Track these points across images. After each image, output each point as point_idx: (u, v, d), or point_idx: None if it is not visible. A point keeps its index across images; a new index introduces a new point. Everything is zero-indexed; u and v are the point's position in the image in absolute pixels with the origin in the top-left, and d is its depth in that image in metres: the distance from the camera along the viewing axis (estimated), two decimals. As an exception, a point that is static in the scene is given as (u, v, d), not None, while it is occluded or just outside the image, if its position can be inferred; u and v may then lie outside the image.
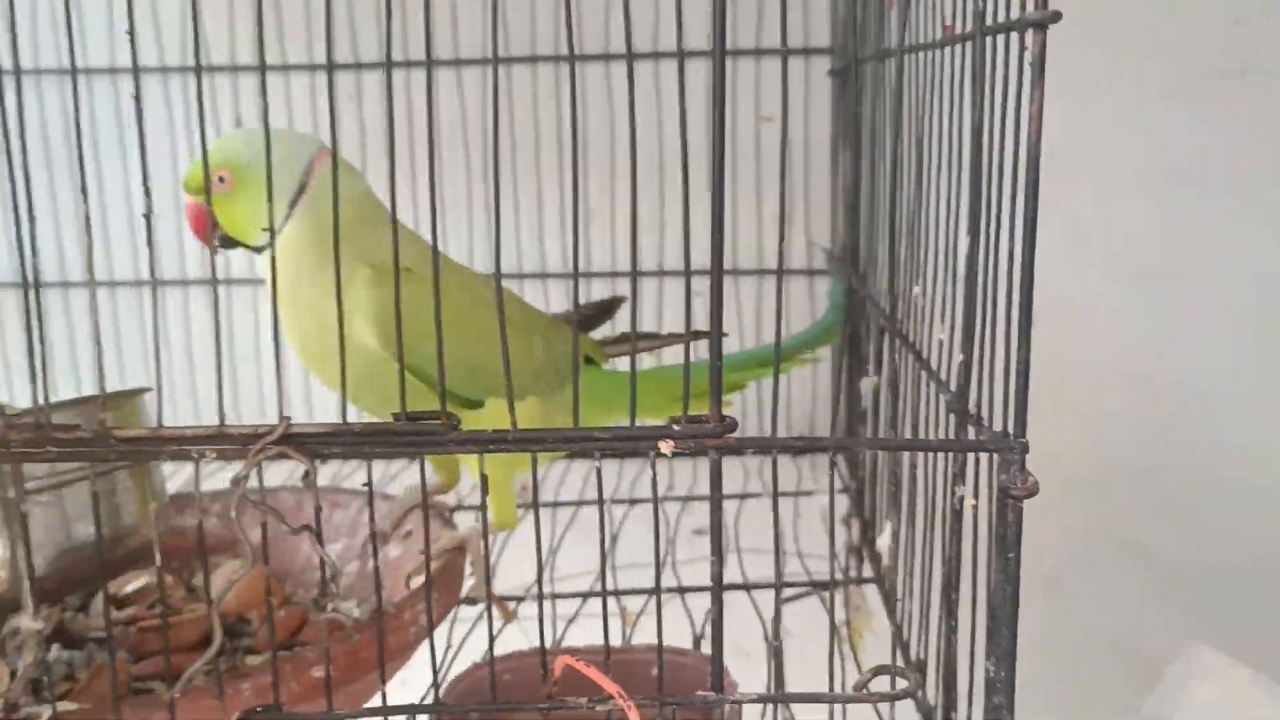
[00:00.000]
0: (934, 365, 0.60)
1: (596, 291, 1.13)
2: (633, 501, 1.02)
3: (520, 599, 0.85)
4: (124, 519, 0.60)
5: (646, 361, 0.96)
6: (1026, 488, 0.43)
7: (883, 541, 0.76)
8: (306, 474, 0.46)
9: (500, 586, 0.90)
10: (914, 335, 0.68)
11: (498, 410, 0.67)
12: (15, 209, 0.44)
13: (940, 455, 0.57)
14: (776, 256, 1.11)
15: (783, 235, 0.48)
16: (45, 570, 0.55)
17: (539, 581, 0.49)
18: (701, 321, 1.13)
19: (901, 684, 0.49)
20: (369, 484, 0.48)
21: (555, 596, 0.84)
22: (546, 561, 0.91)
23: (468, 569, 0.74)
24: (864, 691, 0.47)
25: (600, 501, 0.46)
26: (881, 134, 0.84)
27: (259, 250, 0.67)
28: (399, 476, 1.05)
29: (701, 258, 1.10)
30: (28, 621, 0.49)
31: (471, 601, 0.79)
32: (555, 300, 1.13)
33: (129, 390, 0.60)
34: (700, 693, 0.47)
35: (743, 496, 1.03)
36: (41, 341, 0.45)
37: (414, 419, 0.46)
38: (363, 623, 0.65)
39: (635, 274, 0.45)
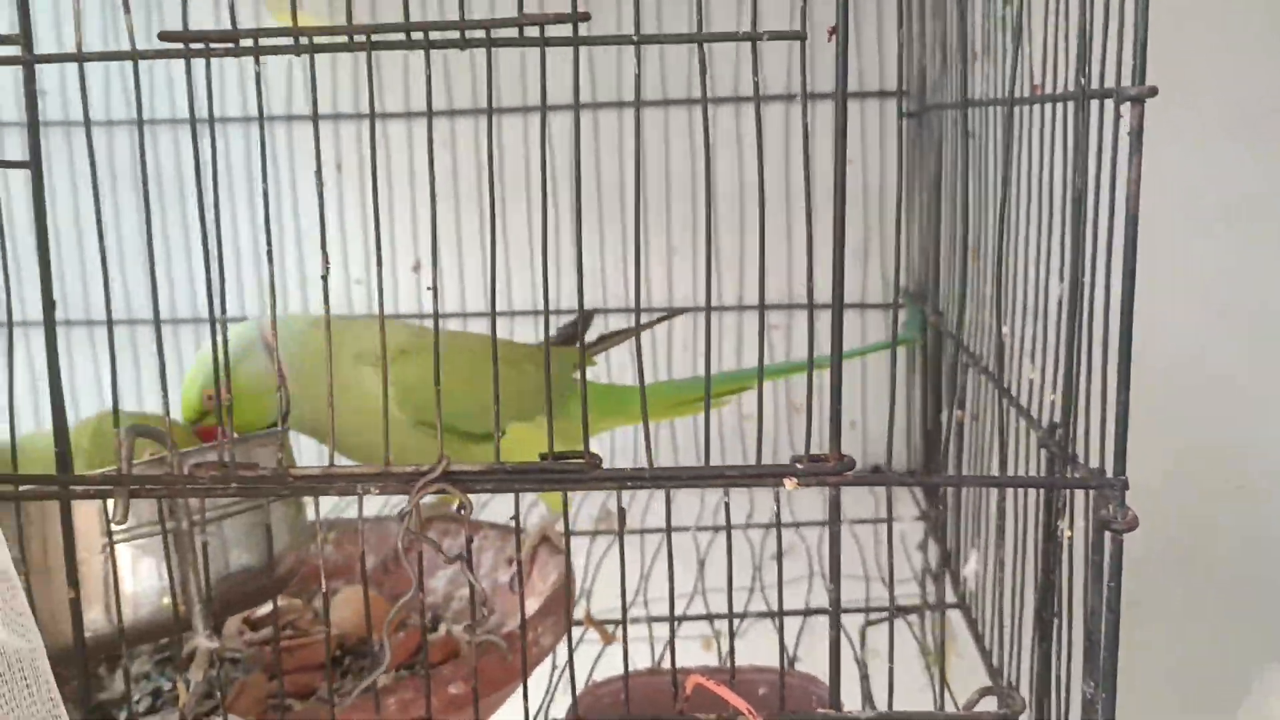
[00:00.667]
0: (1022, 401, 0.64)
1: (693, 325, 1.17)
2: (716, 529, 1.07)
3: (618, 622, 0.89)
4: (276, 547, 0.65)
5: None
6: (1127, 522, 0.46)
7: (969, 568, 0.80)
8: (461, 507, 0.50)
9: (595, 609, 0.94)
10: (997, 369, 0.72)
11: (516, 434, 0.80)
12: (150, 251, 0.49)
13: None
14: (859, 289, 1.15)
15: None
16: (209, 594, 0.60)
17: (668, 605, 0.53)
18: (781, 351, 1.17)
19: (1005, 705, 0.53)
20: (516, 516, 0.52)
21: (651, 620, 0.88)
22: (639, 586, 0.95)
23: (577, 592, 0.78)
24: (973, 711, 0.51)
25: (729, 528, 0.50)
26: (958, 177, 0.88)
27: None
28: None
29: (777, 293, 1.15)
30: (204, 642, 0.54)
31: (575, 623, 0.83)
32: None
33: (277, 429, 0.65)
34: (821, 710, 0.51)
35: (824, 524, 1.06)
36: (228, 389, 0.50)
37: (560, 458, 0.50)
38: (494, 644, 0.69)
39: (763, 307, 0.49)
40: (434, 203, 0.50)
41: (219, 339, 0.50)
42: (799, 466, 0.49)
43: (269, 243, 0.49)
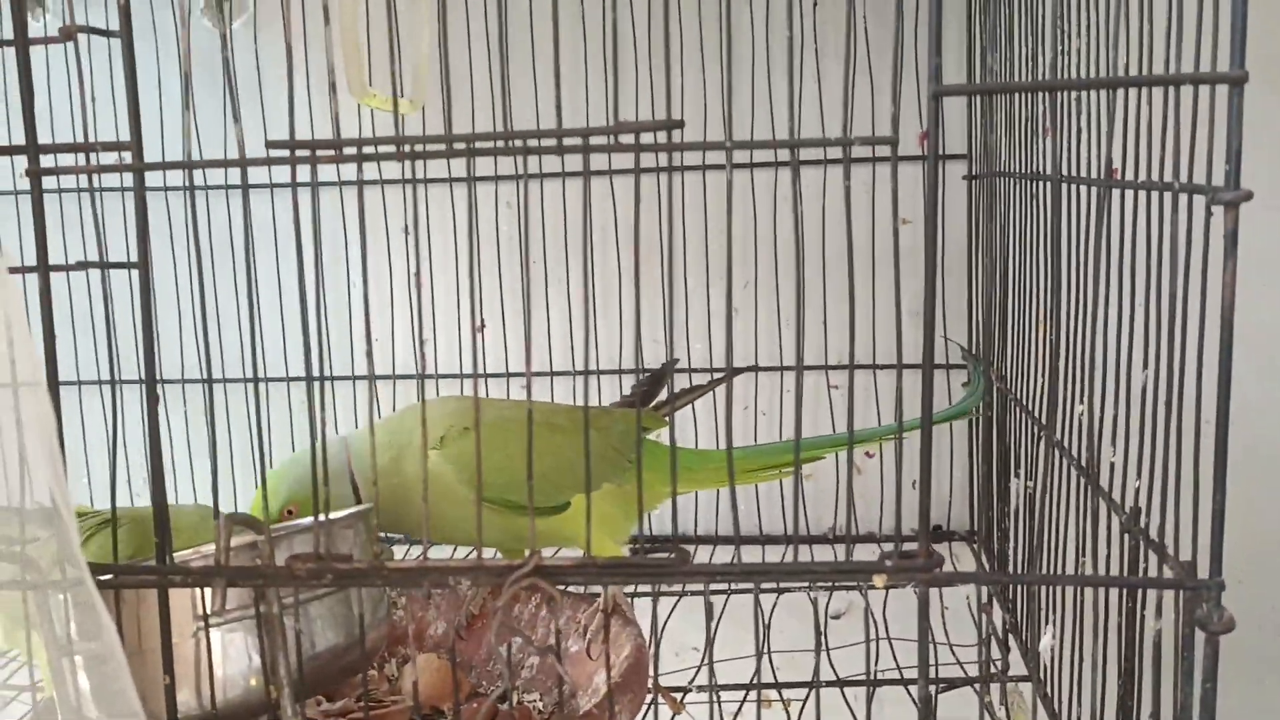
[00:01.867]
0: (1100, 480, 0.64)
1: (738, 384, 1.18)
2: (780, 590, 1.06)
3: (686, 690, 0.90)
4: (355, 627, 0.66)
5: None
6: (1224, 624, 0.46)
7: (1045, 643, 0.79)
8: (552, 599, 0.51)
9: (661, 671, 0.95)
10: (1070, 444, 0.72)
11: (581, 504, 0.80)
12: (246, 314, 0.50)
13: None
14: (918, 350, 1.15)
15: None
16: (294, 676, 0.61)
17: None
18: (842, 411, 1.17)
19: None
20: (605, 610, 0.53)
21: (720, 688, 0.88)
22: (705, 652, 0.95)
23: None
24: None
25: (820, 635, 0.50)
26: (1026, 243, 0.89)
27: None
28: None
29: (837, 354, 1.15)
30: (293, 727, 0.55)
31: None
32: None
33: (360, 510, 0.67)
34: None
35: (888, 587, 1.06)
36: (325, 482, 0.52)
37: (649, 552, 0.51)
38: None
39: (852, 367, 0.50)
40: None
41: (318, 457, 0.51)
42: (888, 563, 0.49)
43: (369, 357, 0.50)
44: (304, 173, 0.50)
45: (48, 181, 0.50)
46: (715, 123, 1.13)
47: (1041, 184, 0.81)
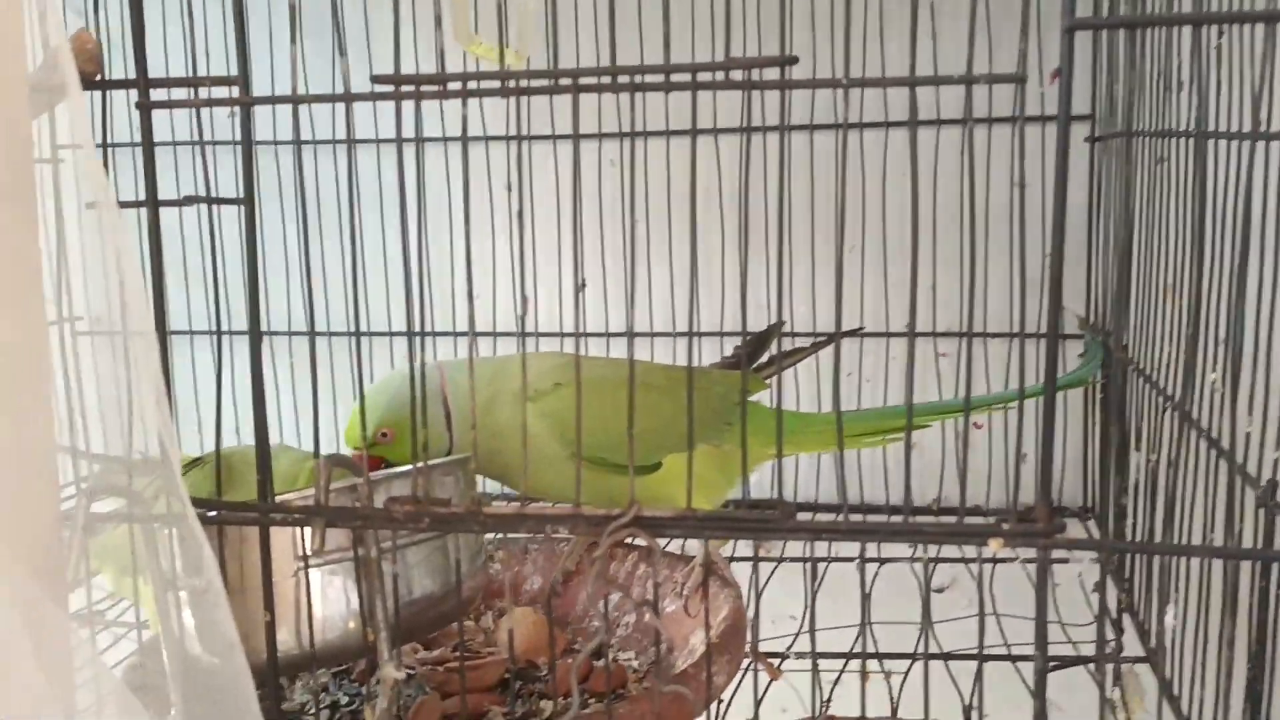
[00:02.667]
0: (1235, 454, 0.60)
1: (843, 350, 1.15)
2: (882, 561, 1.04)
3: (784, 656, 0.88)
4: (451, 575, 0.65)
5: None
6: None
7: (1168, 620, 0.75)
8: (650, 551, 0.50)
9: (760, 637, 0.93)
10: (1200, 416, 0.68)
11: (675, 465, 0.79)
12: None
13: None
14: (1032, 321, 1.11)
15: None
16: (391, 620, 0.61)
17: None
18: (951, 380, 1.14)
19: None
20: (705, 561, 0.51)
21: (820, 655, 0.86)
22: (804, 617, 0.93)
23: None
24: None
25: (926, 605, 0.48)
26: (1156, 208, 0.84)
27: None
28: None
29: (949, 318, 1.12)
30: (390, 670, 0.54)
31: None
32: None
33: (460, 458, 0.66)
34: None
35: (995, 561, 1.03)
36: (423, 434, 0.51)
37: (754, 506, 0.49)
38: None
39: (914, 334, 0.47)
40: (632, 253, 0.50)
41: (417, 377, 0.51)
42: (1005, 526, 0.47)
43: (470, 296, 0.49)
44: (409, 121, 0.49)
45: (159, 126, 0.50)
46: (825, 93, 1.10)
47: (1175, 142, 0.77)
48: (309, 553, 0.53)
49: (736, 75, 0.46)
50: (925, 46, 1.09)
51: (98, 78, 0.51)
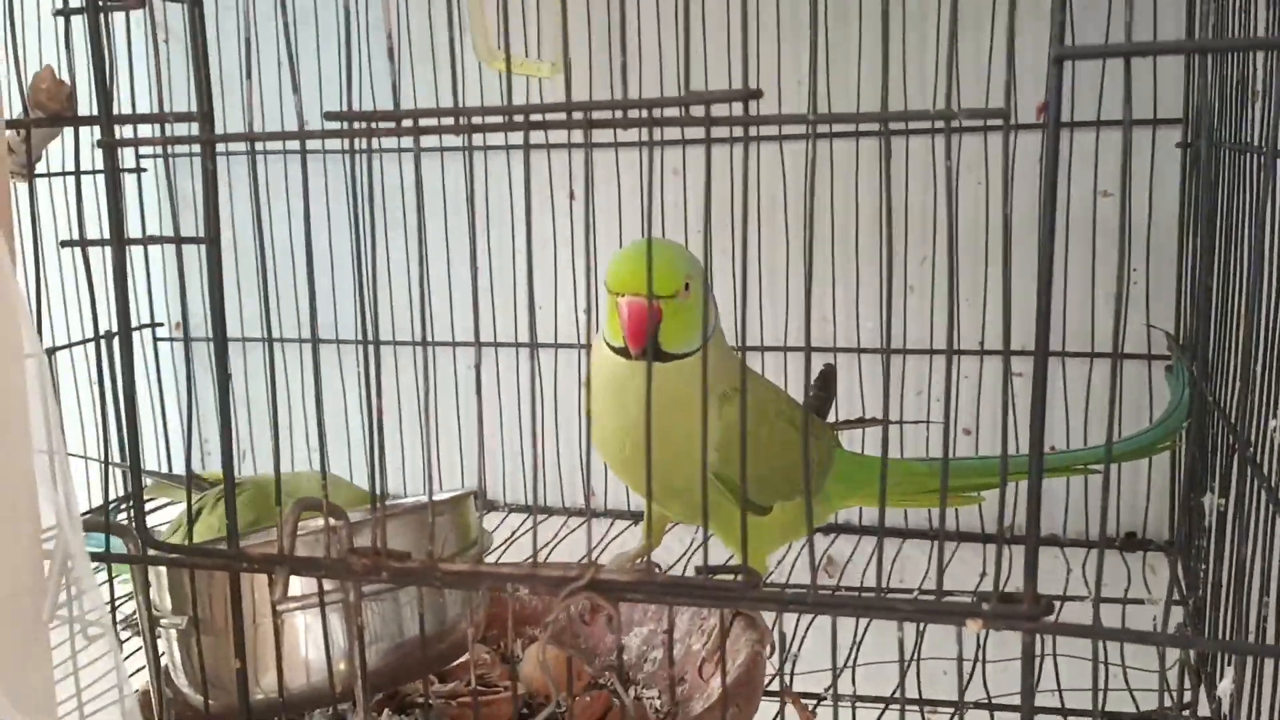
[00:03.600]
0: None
1: (911, 368, 1.10)
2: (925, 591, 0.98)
3: (820, 698, 0.84)
4: (449, 613, 0.64)
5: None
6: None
7: (1224, 687, 0.69)
8: (610, 618, 0.47)
9: (799, 673, 0.89)
10: (1269, 465, 0.62)
11: (779, 512, 0.75)
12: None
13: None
14: (1111, 338, 1.04)
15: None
16: (378, 663, 0.60)
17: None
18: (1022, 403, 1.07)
19: None
20: (668, 633, 0.48)
21: (857, 701, 0.82)
22: (849, 655, 0.89)
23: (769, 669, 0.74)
24: None
25: (961, 664, 0.44)
26: (1231, 226, 0.77)
27: (661, 358, 0.66)
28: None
29: (1022, 337, 1.06)
30: (361, 721, 0.53)
31: (771, 694, 0.78)
32: (867, 372, 1.11)
33: (462, 493, 0.64)
34: None
35: (1062, 599, 0.96)
36: (383, 472, 0.49)
37: (714, 572, 0.46)
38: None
39: (951, 351, 0.43)
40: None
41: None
42: (985, 607, 0.42)
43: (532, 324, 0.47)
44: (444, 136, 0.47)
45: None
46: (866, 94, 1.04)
47: (1248, 157, 0.70)
48: (274, 600, 0.52)
49: (697, 110, 0.43)
50: (929, 48, 1.03)
51: (66, 114, 0.51)
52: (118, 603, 0.91)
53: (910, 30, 1.03)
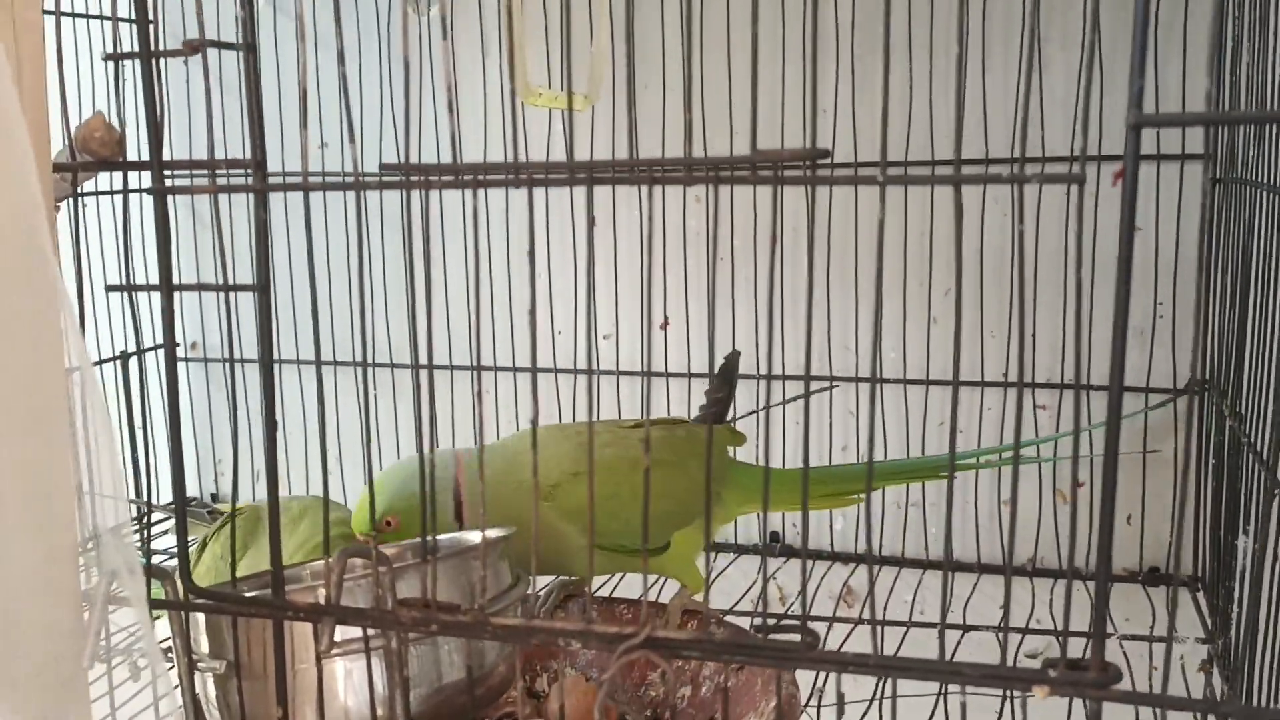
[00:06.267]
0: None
1: (935, 398, 1.10)
2: (967, 627, 0.98)
3: (850, 737, 0.83)
4: (488, 658, 0.63)
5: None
6: None
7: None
8: (663, 673, 0.47)
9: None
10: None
11: (680, 542, 0.82)
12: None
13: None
14: (1140, 373, 1.04)
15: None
16: (419, 708, 0.59)
17: None
18: (1047, 432, 1.07)
19: None
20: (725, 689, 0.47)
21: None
22: (877, 688, 0.88)
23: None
24: None
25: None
26: (1264, 264, 0.77)
27: None
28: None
29: (1046, 369, 1.05)
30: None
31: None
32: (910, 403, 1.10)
33: (503, 534, 0.64)
34: None
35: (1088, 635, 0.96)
36: (433, 509, 0.48)
37: (772, 631, 0.45)
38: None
39: (956, 382, 0.43)
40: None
41: (427, 470, 0.48)
42: (1052, 673, 0.42)
43: (533, 350, 0.47)
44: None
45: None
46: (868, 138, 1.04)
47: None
48: (319, 650, 0.51)
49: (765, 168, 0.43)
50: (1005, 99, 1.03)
51: (116, 160, 0.50)
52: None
53: (954, 72, 1.03)
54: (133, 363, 1.08)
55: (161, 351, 1.22)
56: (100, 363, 1.15)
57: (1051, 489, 1.08)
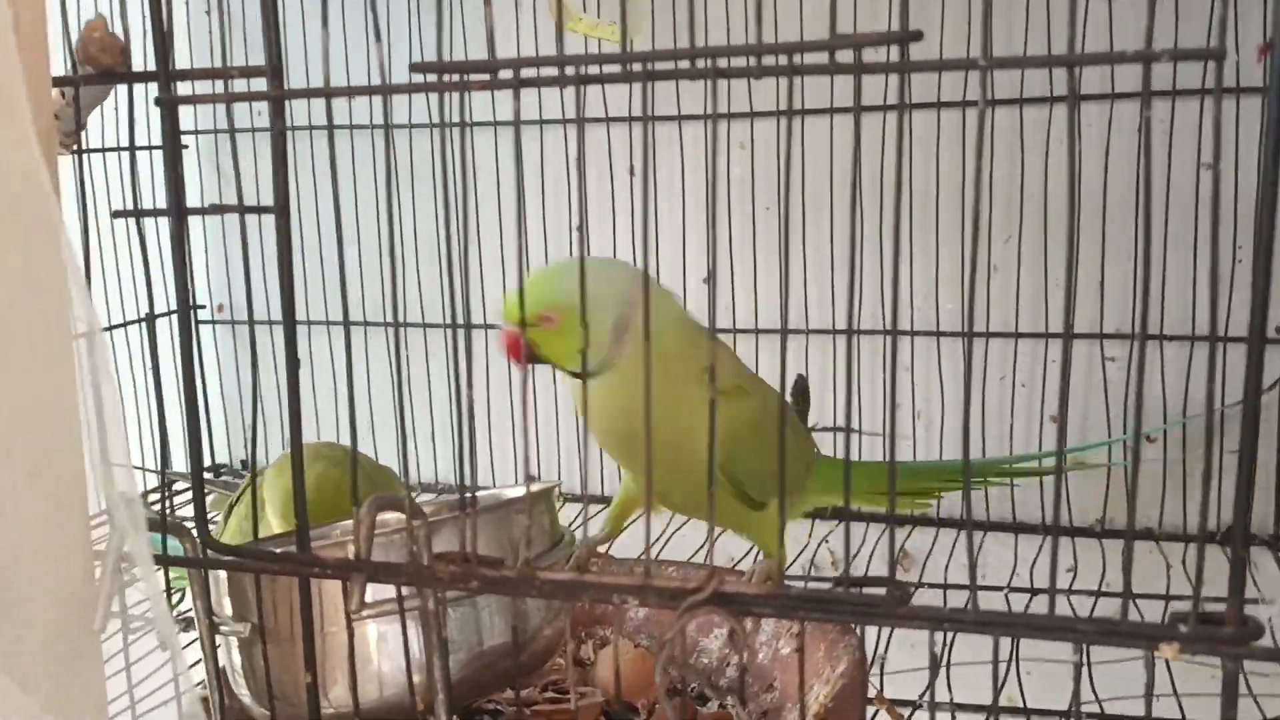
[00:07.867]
0: None
1: (995, 351, 1.04)
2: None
3: (915, 704, 0.78)
4: (531, 622, 0.59)
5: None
6: None
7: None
8: (732, 632, 0.42)
9: (890, 676, 0.84)
10: None
11: (773, 510, 0.69)
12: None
13: None
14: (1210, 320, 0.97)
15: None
16: (460, 674, 0.55)
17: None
18: (1117, 388, 1.01)
19: None
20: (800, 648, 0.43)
21: (956, 707, 0.76)
22: (942, 656, 0.83)
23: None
24: None
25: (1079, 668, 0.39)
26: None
27: (577, 375, 0.63)
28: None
29: (1117, 319, 0.99)
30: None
31: (869, 701, 0.73)
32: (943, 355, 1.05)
33: (545, 487, 0.59)
34: None
35: (1166, 598, 0.90)
36: (473, 465, 0.44)
37: (855, 584, 0.40)
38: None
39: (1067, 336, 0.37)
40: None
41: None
42: (1183, 629, 0.37)
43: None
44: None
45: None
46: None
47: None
48: (349, 610, 0.47)
49: (845, 56, 0.37)
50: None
51: (119, 70, 0.45)
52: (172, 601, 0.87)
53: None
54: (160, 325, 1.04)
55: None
56: (125, 325, 1.12)
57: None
